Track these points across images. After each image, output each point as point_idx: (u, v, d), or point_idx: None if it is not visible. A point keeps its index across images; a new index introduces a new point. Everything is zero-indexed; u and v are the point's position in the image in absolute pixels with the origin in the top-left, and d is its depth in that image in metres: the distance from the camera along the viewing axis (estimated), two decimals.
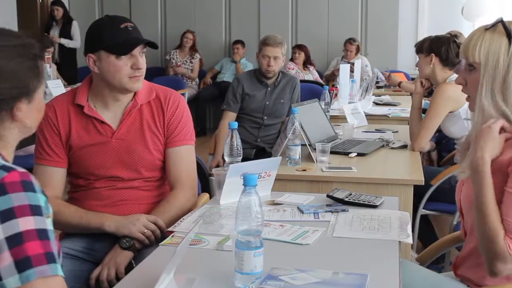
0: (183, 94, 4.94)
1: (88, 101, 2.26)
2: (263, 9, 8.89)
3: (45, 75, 1.46)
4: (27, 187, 1.24)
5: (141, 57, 2.20)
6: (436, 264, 3.20)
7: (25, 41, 1.40)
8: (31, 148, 4.49)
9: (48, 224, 1.26)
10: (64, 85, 6.74)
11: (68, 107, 2.26)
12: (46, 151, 2.25)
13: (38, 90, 1.41)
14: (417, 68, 3.80)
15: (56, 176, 2.25)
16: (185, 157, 2.32)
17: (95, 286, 2.03)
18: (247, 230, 1.46)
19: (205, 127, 8.63)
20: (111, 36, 2.16)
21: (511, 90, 1.69)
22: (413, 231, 3.01)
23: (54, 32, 8.43)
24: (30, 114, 1.40)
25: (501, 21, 1.72)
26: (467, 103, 1.85)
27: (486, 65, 1.71)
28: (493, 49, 1.70)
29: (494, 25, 1.72)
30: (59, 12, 8.45)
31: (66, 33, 8.40)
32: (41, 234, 1.23)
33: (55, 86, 6.03)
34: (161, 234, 2.10)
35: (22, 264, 1.19)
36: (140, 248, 2.09)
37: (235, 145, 2.32)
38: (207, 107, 8.83)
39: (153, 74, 7.92)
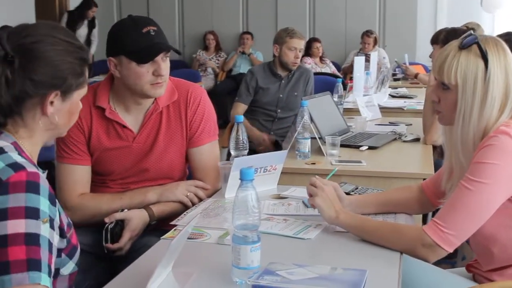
0: None
1: (109, 103, 2.20)
2: (281, 2, 8.86)
3: (87, 81, 1.47)
4: (31, 188, 1.23)
5: (164, 62, 2.11)
6: (449, 259, 3.16)
7: (77, 43, 1.43)
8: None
9: (43, 229, 1.23)
10: None
11: (90, 108, 2.20)
12: (72, 149, 2.19)
13: (74, 92, 1.42)
14: (431, 59, 3.75)
15: (83, 174, 2.21)
16: (210, 153, 2.31)
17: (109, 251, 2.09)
18: (244, 225, 1.45)
19: (227, 119, 8.67)
20: (132, 41, 2.07)
21: (484, 113, 1.66)
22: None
23: (80, 36, 8.41)
24: (61, 112, 1.41)
25: (476, 42, 1.67)
26: None
27: (463, 89, 1.67)
28: (470, 73, 1.66)
29: (469, 46, 1.68)
30: (93, 13, 8.46)
31: (88, 40, 8.46)
32: (29, 239, 1.20)
33: None
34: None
35: (1, 268, 1.17)
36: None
37: (241, 139, 2.31)
38: (227, 100, 8.84)
39: (171, 67, 7.96)
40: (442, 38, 3.59)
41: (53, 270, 1.27)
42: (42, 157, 1.36)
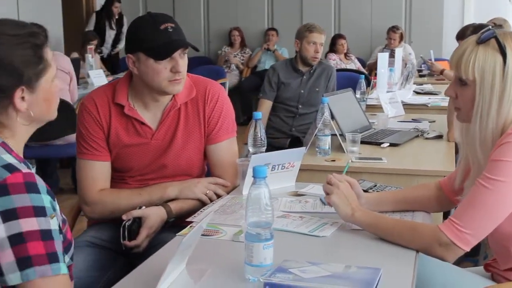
0: (223, 84, 4.91)
1: (128, 100, 2.21)
2: None
3: (52, 63, 1.41)
4: (31, 188, 1.25)
5: (181, 59, 2.12)
6: (472, 257, 3.12)
7: (27, 31, 1.37)
8: (70, 138, 4.58)
9: (52, 224, 1.26)
10: (108, 74, 6.87)
11: (109, 104, 2.21)
12: (91, 145, 2.21)
13: (40, 79, 1.37)
14: None
15: (102, 170, 2.22)
16: (228, 150, 2.31)
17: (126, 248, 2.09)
18: (257, 222, 1.45)
19: (251, 116, 8.65)
20: (150, 38, 2.08)
21: (503, 109, 1.63)
22: None
23: (110, 36, 8.43)
24: (35, 103, 1.38)
25: (494, 37, 1.64)
26: None
27: (481, 84, 1.64)
28: (488, 67, 1.63)
29: (487, 40, 1.64)
30: (117, 9, 8.46)
31: (117, 38, 8.47)
32: (44, 234, 1.24)
33: (97, 76, 6.15)
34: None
35: (24, 263, 1.21)
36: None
37: (259, 136, 2.31)
38: (251, 96, 8.85)
39: (196, 63, 7.98)
40: (468, 34, 3.56)
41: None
42: (61, 154, 1.37)
